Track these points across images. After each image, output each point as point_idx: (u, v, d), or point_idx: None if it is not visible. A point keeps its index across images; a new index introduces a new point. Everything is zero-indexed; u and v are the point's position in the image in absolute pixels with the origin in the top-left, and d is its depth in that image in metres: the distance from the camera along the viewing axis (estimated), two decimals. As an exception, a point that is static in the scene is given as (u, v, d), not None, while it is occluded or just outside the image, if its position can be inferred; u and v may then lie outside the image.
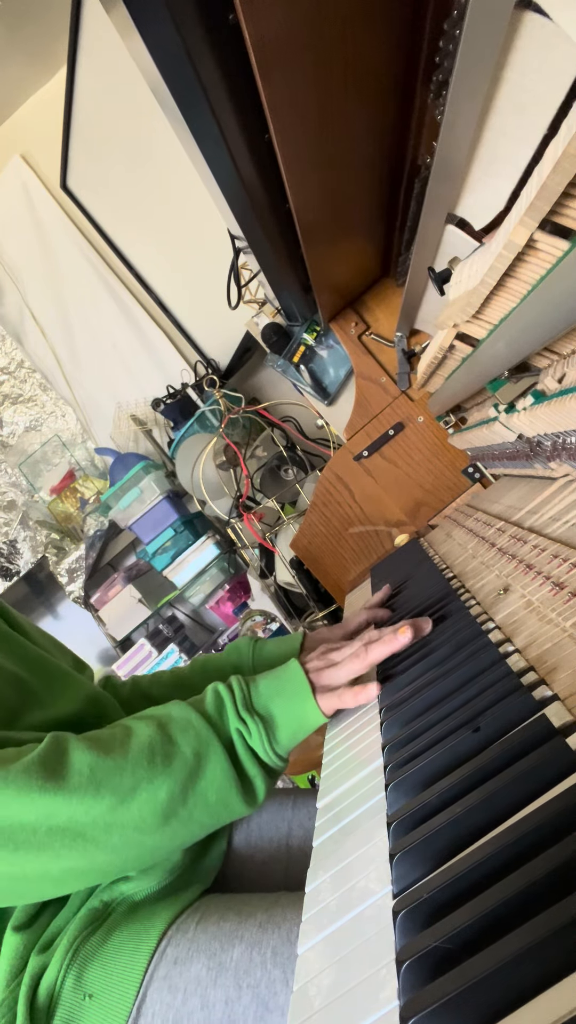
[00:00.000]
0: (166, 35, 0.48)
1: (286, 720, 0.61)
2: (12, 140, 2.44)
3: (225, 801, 0.57)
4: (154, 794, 0.54)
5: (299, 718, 0.61)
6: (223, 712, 0.61)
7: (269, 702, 0.62)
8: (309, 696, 0.61)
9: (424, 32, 0.56)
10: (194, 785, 0.56)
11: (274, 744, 0.60)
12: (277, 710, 0.61)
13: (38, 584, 2.64)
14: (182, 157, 0.68)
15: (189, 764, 0.56)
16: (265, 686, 0.63)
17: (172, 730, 0.58)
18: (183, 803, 0.55)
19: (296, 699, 0.62)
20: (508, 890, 0.28)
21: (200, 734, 0.58)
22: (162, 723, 0.59)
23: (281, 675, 0.64)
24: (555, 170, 0.37)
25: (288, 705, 0.61)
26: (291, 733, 0.61)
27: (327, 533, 1.36)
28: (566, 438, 0.64)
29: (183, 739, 0.58)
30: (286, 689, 0.63)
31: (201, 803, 0.56)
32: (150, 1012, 0.55)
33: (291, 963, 0.53)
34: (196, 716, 0.59)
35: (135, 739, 0.57)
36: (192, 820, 0.56)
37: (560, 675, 0.42)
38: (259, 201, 0.74)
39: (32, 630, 0.78)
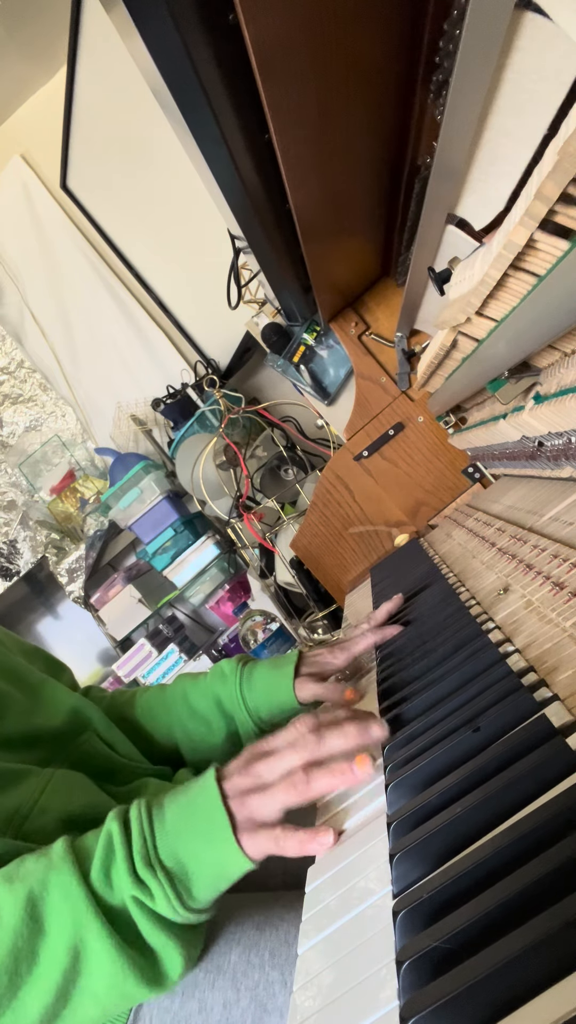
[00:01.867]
0: (166, 35, 0.48)
1: (202, 870, 0.48)
2: (12, 140, 2.44)
3: (121, 991, 0.47)
4: (23, 1011, 0.45)
5: (218, 867, 0.48)
6: (113, 873, 0.47)
7: (178, 847, 0.48)
8: (229, 839, 0.47)
9: (424, 32, 0.56)
10: (75, 986, 0.46)
11: (188, 901, 0.48)
12: (189, 859, 0.48)
13: (38, 584, 2.64)
14: (182, 157, 0.68)
15: (63, 965, 0.45)
16: (173, 822, 0.49)
17: (43, 912, 0.46)
18: (65, 1006, 0.46)
19: (213, 842, 0.48)
20: (508, 890, 0.28)
21: (76, 915, 0.46)
22: (33, 900, 0.46)
23: (194, 802, 0.50)
24: (555, 170, 0.37)
25: (203, 851, 0.48)
26: (210, 885, 0.49)
27: (327, 533, 1.36)
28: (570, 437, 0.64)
29: (55, 926, 0.46)
30: (200, 826, 0.49)
31: (89, 1000, 0.46)
32: (147, 1016, 0.55)
33: (289, 964, 0.53)
34: (78, 887, 0.46)
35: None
36: (83, 1018, 0.47)
37: (560, 675, 0.42)
38: (259, 201, 0.74)
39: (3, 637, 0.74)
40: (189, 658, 2.25)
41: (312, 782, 0.49)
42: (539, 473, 0.83)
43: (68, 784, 0.61)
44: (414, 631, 0.71)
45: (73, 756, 0.67)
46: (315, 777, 0.49)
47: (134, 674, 2.27)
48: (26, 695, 0.67)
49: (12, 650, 0.73)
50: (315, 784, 0.49)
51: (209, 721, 0.76)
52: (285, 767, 0.50)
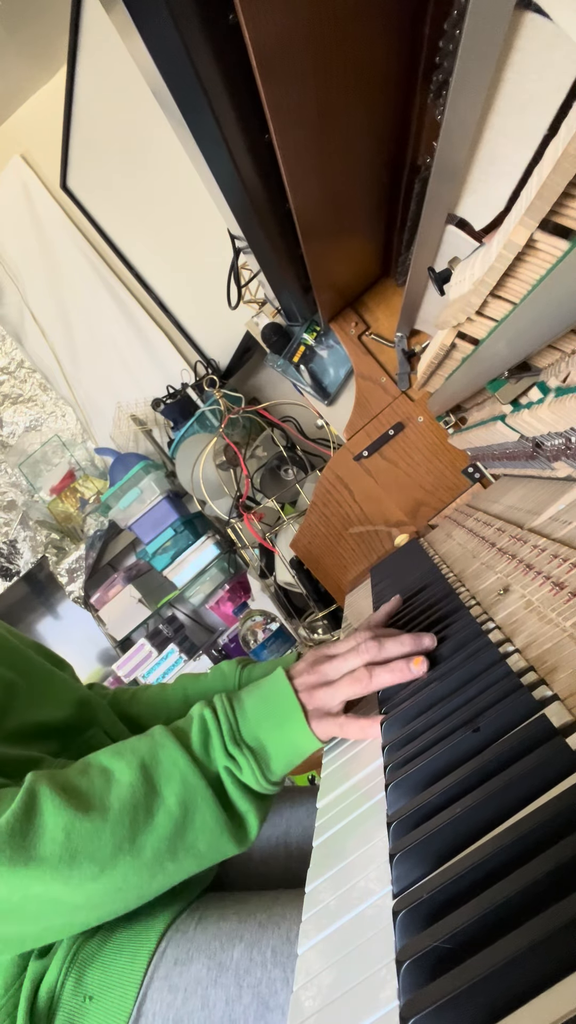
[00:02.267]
0: (166, 35, 0.48)
1: (279, 749, 0.56)
2: (12, 140, 2.44)
3: (216, 847, 0.54)
4: (138, 856, 0.51)
5: (292, 745, 0.56)
6: (210, 747, 0.56)
7: (259, 730, 0.56)
8: (302, 722, 0.56)
9: (424, 32, 0.56)
10: (182, 838, 0.52)
11: (268, 775, 0.55)
12: (268, 739, 0.56)
13: (38, 584, 2.64)
14: (182, 157, 0.68)
15: (176, 818, 0.52)
16: (253, 710, 0.57)
17: (156, 776, 0.53)
18: (171, 857, 0.52)
19: (287, 725, 0.56)
20: (508, 890, 0.28)
21: (187, 780, 0.53)
22: (146, 766, 0.54)
23: (269, 695, 0.58)
24: (555, 170, 0.37)
25: (280, 732, 0.56)
26: (285, 761, 0.56)
27: (327, 533, 1.36)
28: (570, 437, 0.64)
29: (168, 787, 0.53)
30: (275, 713, 0.57)
31: (191, 854, 0.53)
32: (150, 1012, 0.55)
33: (291, 962, 0.53)
34: (182, 756, 0.54)
35: (115, 790, 0.52)
36: (181, 870, 0.54)
37: (560, 675, 0.42)
38: (259, 201, 0.74)
39: (7, 633, 0.75)
40: (189, 658, 2.25)
41: (374, 677, 0.56)
42: (539, 473, 0.83)
43: None
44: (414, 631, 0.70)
45: (81, 750, 0.68)
46: (376, 673, 0.56)
47: (134, 674, 2.27)
48: (35, 686, 0.68)
49: (17, 643, 0.74)
50: (376, 679, 0.56)
51: None
52: (349, 667, 0.58)
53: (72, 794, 0.51)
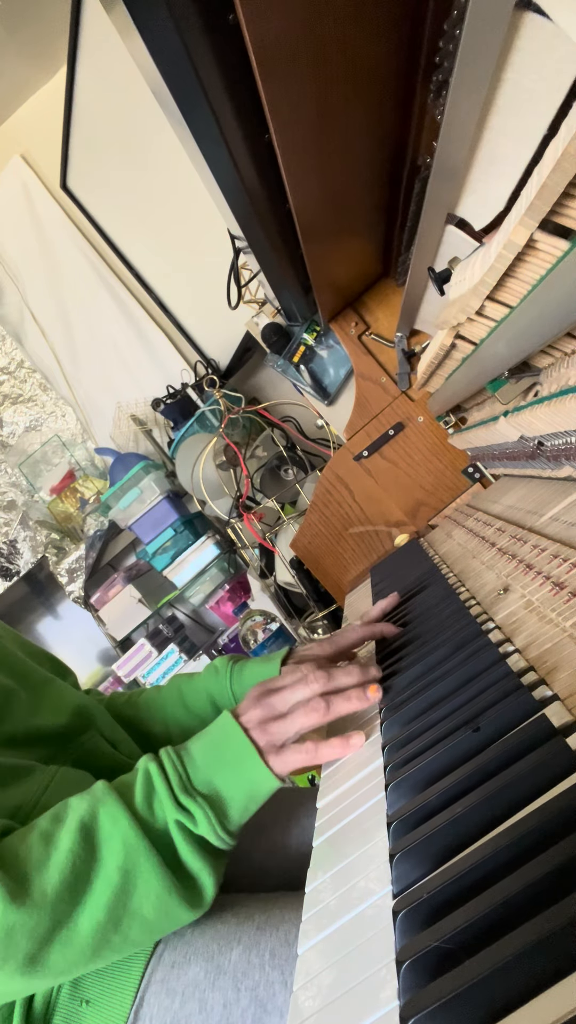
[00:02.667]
0: (166, 35, 0.48)
1: (236, 794, 0.52)
2: (12, 140, 2.44)
3: (165, 912, 0.50)
4: (77, 933, 0.47)
5: (250, 789, 0.52)
6: (155, 802, 0.52)
7: (212, 776, 0.53)
8: (257, 760, 0.52)
9: (424, 32, 0.56)
10: (126, 907, 0.49)
11: (226, 824, 0.52)
12: (223, 785, 0.52)
13: (38, 584, 2.64)
14: (182, 157, 0.68)
15: (115, 885, 0.48)
16: (202, 756, 0.54)
17: (97, 838, 0.50)
18: (115, 930, 0.49)
19: (242, 766, 0.52)
20: (508, 890, 0.28)
21: (128, 841, 0.49)
22: (86, 828, 0.50)
23: (217, 739, 0.54)
24: (555, 170, 0.37)
25: (234, 775, 0.52)
26: (243, 807, 0.53)
27: (327, 533, 1.36)
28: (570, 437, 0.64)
29: (108, 851, 0.49)
30: (228, 756, 0.53)
31: (137, 922, 0.49)
32: (148, 1016, 0.55)
33: (289, 964, 0.53)
34: (124, 814, 0.50)
35: (54, 858, 0.48)
36: (129, 941, 0.50)
37: (560, 675, 0.42)
38: (259, 201, 0.74)
39: (7, 635, 0.75)
40: (189, 658, 2.25)
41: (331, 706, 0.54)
42: (539, 473, 0.83)
43: (71, 782, 0.62)
44: (414, 631, 0.70)
45: (76, 754, 0.67)
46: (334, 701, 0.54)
47: (134, 674, 2.27)
48: (30, 693, 0.68)
49: (17, 649, 0.73)
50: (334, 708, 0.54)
51: (203, 717, 0.76)
52: (298, 697, 0.55)
53: (10, 870, 0.47)
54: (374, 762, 0.51)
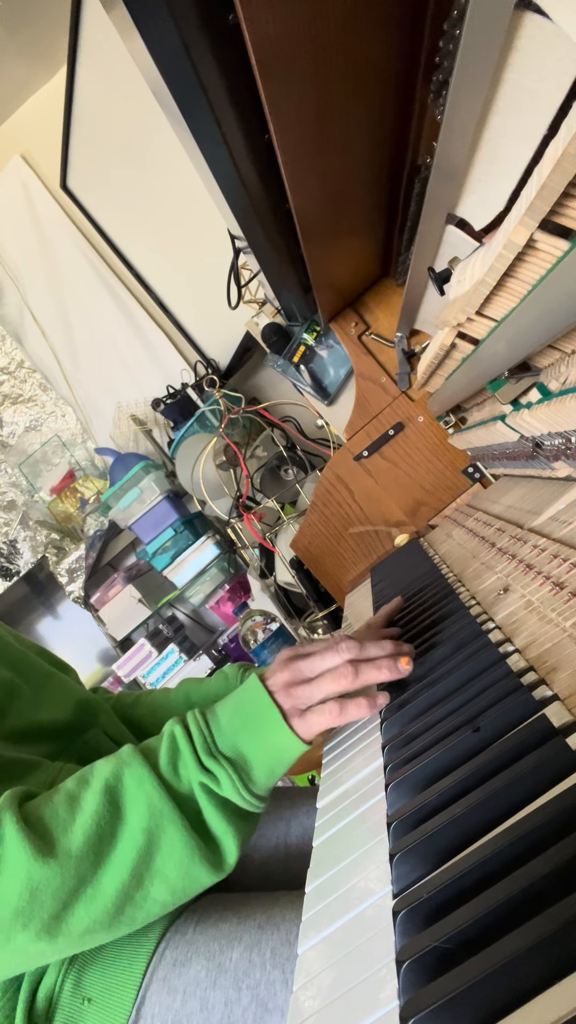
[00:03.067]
0: (166, 35, 0.48)
1: (259, 756, 0.52)
2: (12, 140, 2.44)
3: (188, 874, 0.50)
4: (100, 891, 0.48)
5: (274, 751, 0.52)
6: (180, 765, 0.52)
7: (236, 739, 0.53)
8: (280, 723, 0.52)
9: (424, 32, 0.56)
10: (148, 867, 0.49)
11: (251, 787, 0.51)
12: (247, 747, 0.52)
13: (38, 584, 2.64)
14: (182, 157, 0.68)
15: (139, 846, 0.49)
16: (228, 719, 0.54)
17: (121, 799, 0.50)
18: (138, 888, 0.49)
19: (265, 729, 0.52)
20: (508, 890, 0.28)
21: (152, 803, 0.50)
22: (111, 789, 0.51)
23: (243, 702, 0.55)
24: (555, 170, 0.37)
25: (258, 738, 0.52)
26: (268, 770, 0.52)
27: (327, 533, 1.36)
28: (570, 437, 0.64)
29: (133, 812, 0.50)
30: (252, 719, 0.53)
31: (160, 883, 0.50)
32: (149, 1014, 0.55)
33: (290, 963, 0.53)
34: (148, 776, 0.51)
35: (79, 820, 0.49)
36: (152, 901, 0.50)
37: (560, 675, 0.42)
38: (259, 201, 0.74)
39: (6, 632, 0.75)
40: (189, 658, 2.25)
41: (361, 673, 0.53)
42: (539, 473, 0.83)
43: None
44: (414, 631, 0.70)
45: (81, 751, 0.68)
46: (363, 669, 0.53)
47: (134, 674, 2.27)
48: (34, 687, 0.68)
49: (17, 645, 0.74)
50: (363, 675, 0.53)
51: None
52: (327, 664, 0.54)
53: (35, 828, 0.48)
54: (374, 762, 0.51)
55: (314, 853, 0.48)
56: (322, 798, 0.54)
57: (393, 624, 0.76)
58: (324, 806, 0.53)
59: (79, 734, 0.69)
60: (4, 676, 0.65)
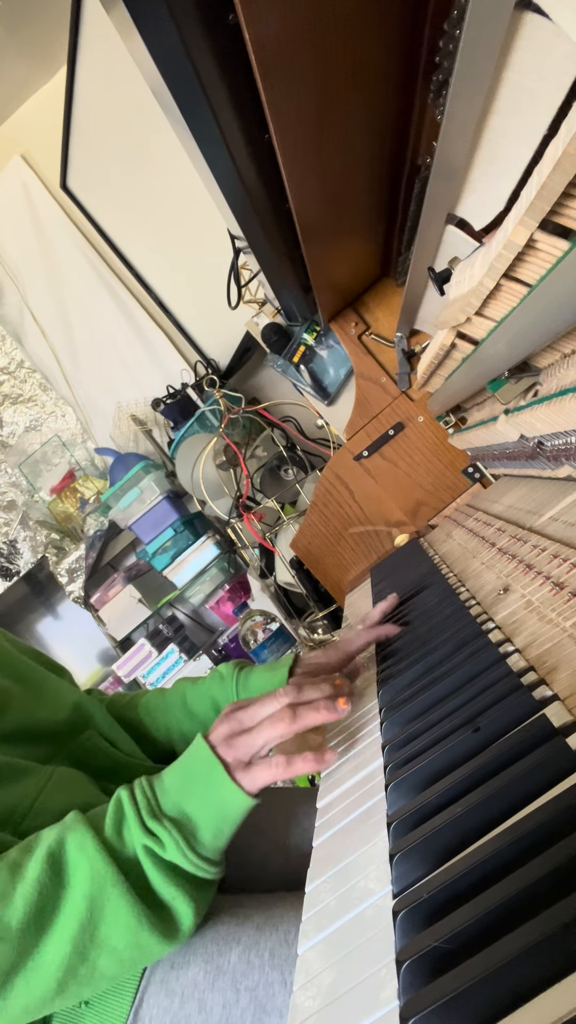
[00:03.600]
0: (166, 35, 0.48)
1: (205, 815, 0.51)
2: (12, 140, 2.44)
3: (136, 943, 0.48)
4: (42, 966, 0.46)
5: (219, 807, 0.51)
6: (124, 829, 0.50)
7: (180, 798, 0.51)
8: (223, 777, 0.50)
9: (424, 32, 0.56)
10: (93, 938, 0.47)
11: (198, 848, 0.50)
12: (190, 805, 0.51)
13: (38, 584, 2.64)
14: (182, 157, 0.68)
15: (81, 916, 0.47)
16: (172, 780, 0.53)
17: (64, 866, 0.48)
18: (82, 962, 0.47)
19: (210, 785, 0.51)
20: (508, 890, 0.28)
21: (95, 868, 0.48)
22: (53, 856, 0.49)
23: (187, 761, 0.53)
24: (555, 170, 0.37)
25: (202, 794, 0.51)
26: (214, 828, 0.51)
27: (327, 533, 1.36)
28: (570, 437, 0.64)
29: (75, 879, 0.48)
30: (196, 776, 0.52)
31: (107, 955, 0.48)
32: (147, 1017, 0.55)
33: (289, 964, 0.53)
34: (92, 841, 0.49)
35: (19, 889, 0.47)
36: (97, 975, 0.48)
37: (560, 675, 0.42)
38: (259, 201, 0.74)
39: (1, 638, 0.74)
40: (189, 658, 2.25)
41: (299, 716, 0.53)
42: (539, 473, 0.83)
43: (68, 783, 0.61)
44: (414, 631, 0.71)
45: (75, 754, 0.67)
46: (301, 712, 0.53)
47: (134, 674, 2.27)
48: (27, 691, 0.67)
49: (11, 647, 0.73)
50: (300, 718, 0.52)
51: (206, 724, 0.76)
52: (266, 712, 0.54)
53: None
54: (374, 762, 0.51)
55: (314, 853, 0.48)
56: (322, 798, 0.54)
57: (392, 622, 0.76)
58: (324, 806, 0.53)
59: (73, 736, 0.69)
60: (1, 682, 0.65)
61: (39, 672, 0.72)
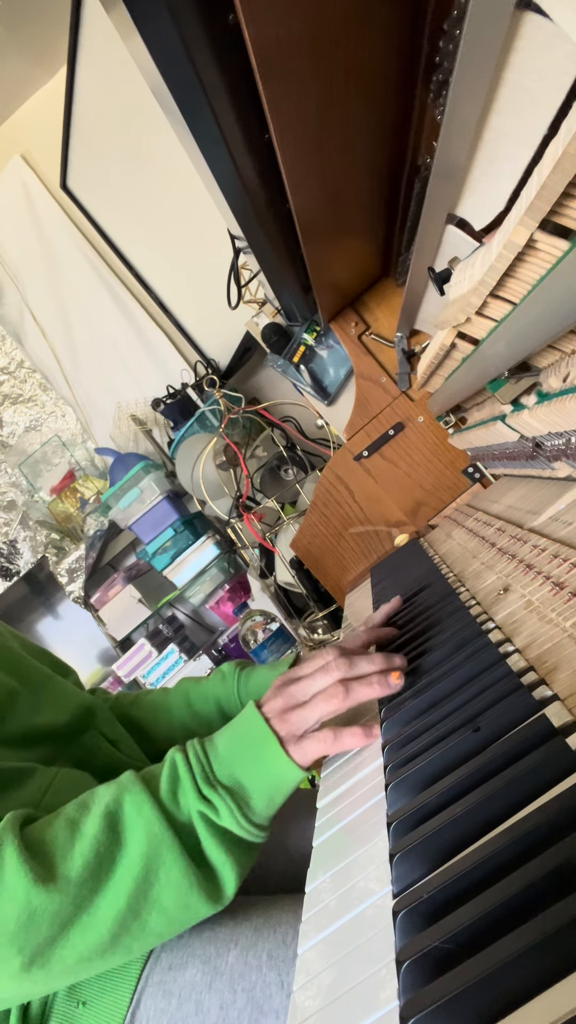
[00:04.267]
0: (166, 35, 0.48)
1: (257, 784, 0.52)
2: (12, 140, 2.44)
3: (185, 904, 0.50)
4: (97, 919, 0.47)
5: (272, 779, 0.52)
6: (179, 793, 0.51)
7: (234, 768, 0.52)
8: (278, 750, 0.52)
9: (424, 32, 0.56)
10: (146, 895, 0.49)
11: (251, 816, 0.51)
12: (244, 775, 0.52)
13: (38, 584, 2.64)
14: (182, 157, 0.68)
15: (137, 874, 0.48)
16: (225, 748, 0.54)
17: (121, 826, 0.50)
18: (134, 917, 0.48)
19: (263, 756, 0.52)
20: (508, 890, 0.28)
21: (151, 830, 0.49)
22: (111, 814, 0.50)
23: (240, 730, 0.54)
24: (555, 170, 0.37)
25: (256, 765, 0.52)
26: (267, 798, 0.52)
27: (327, 533, 1.36)
28: (570, 437, 0.64)
29: (132, 839, 0.49)
30: (249, 746, 0.53)
31: (157, 913, 0.49)
32: (144, 1018, 0.55)
33: (286, 965, 0.53)
34: (149, 803, 0.50)
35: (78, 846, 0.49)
36: (148, 932, 0.49)
37: (560, 675, 0.42)
38: (259, 201, 0.74)
39: (7, 633, 0.75)
40: (189, 658, 2.25)
41: (351, 692, 0.53)
42: (539, 473, 0.83)
43: (72, 783, 0.62)
44: (414, 631, 0.71)
45: (77, 754, 0.67)
46: (353, 687, 0.53)
47: (134, 674, 2.27)
48: (32, 692, 0.67)
49: (18, 647, 0.73)
50: (353, 694, 0.53)
51: (210, 723, 0.76)
52: (318, 686, 0.54)
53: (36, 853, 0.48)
54: (374, 762, 0.51)
55: (314, 853, 0.48)
56: (322, 798, 0.54)
57: (392, 624, 0.76)
58: (324, 806, 0.53)
59: (76, 736, 0.69)
60: (6, 682, 0.65)
61: (44, 673, 0.71)
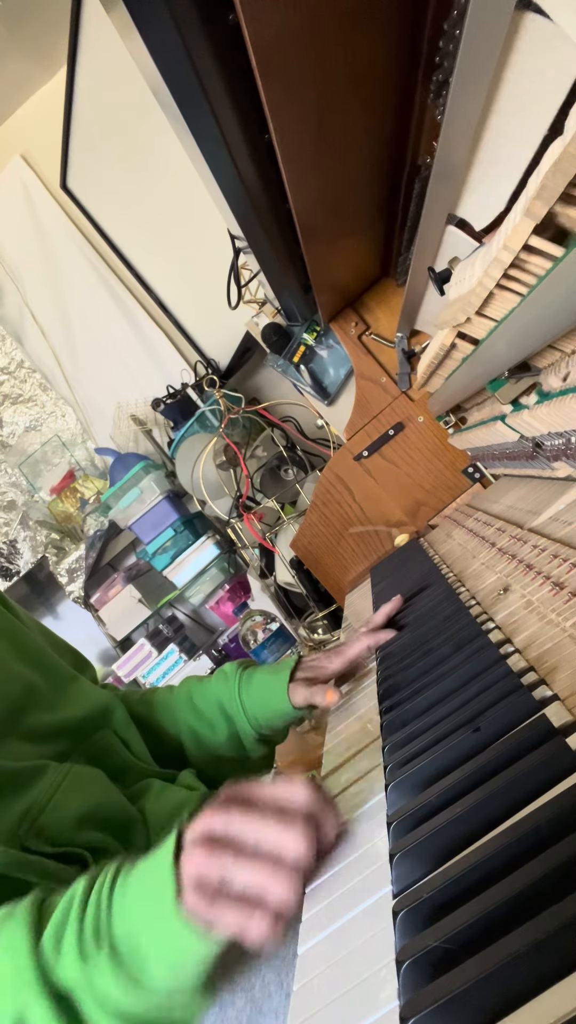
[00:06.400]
0: (166, 35, 0.48)
1: (156, 951, 0.38)
2: (12, 140, 2.44)
3: None
4: None
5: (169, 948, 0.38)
6: (63, 942, 0.39)
7: (131, 921, 0.39)
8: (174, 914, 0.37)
9: (424, 32, 0.56)
10: None
11: (146, 984, 0.38)
12: (143, 934, 0.38)
13: (38, 584, 2.64)
14: (182, 157, 0.68)
15: None
16: (134, 890, 0.40)
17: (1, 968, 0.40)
18: None
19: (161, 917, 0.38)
20: (508, 890, 0.28)
21: (18, 984, 0.38)
22: None
23: (146, 872, 0.41)
24: (554, 171, 0.37)
25: (152, 927, 0.38)
26: (168, 967, 0.38)
27: (327, 533, 1.36)
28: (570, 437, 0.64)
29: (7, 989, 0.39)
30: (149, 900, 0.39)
31: None
32: None
33: (285, 965, 0.53)
34: (26, 950, 0.39)
35: None
36: None
37: (560, 675, 0.42)
38: (259, 201, 0.74)
39: (34, 626, 0.75)
40: (189, 658, 2.24)
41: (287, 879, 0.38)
42: (539, 473, 0.83)
43: (84, 780, 0.62)
44: (414, 631, 0.71)
45: (90, 751, 0.68)
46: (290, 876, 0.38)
47: (134, 674, 2.27)
48: (53, 688, 0.67)
49: (43, 641, 0.73)
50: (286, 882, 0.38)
51: (212, 723, 0.76)
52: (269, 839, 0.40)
53: None
54: (374, 762, 0.51)
55: (314, 853, 0.47)
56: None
57: (393, 624, 0.76)
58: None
59: (90, 734, 0.69)
60: (25, 675, 0.65)
61: (66, 671, 0.71)
